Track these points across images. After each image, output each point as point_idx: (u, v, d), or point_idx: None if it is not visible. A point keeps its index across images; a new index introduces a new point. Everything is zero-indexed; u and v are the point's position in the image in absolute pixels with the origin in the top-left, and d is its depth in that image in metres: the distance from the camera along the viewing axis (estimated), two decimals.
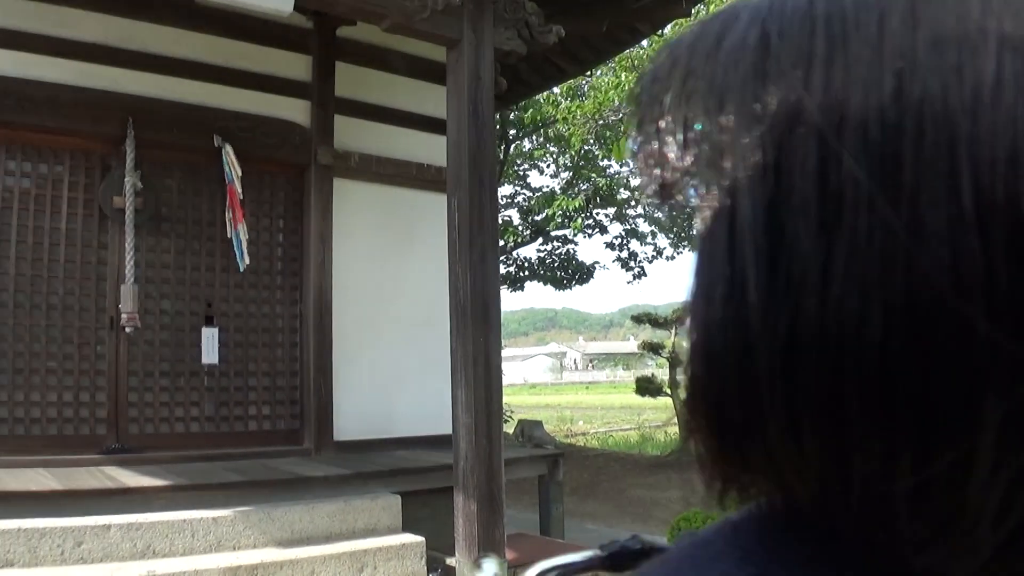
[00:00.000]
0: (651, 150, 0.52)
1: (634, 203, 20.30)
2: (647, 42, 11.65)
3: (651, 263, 21.80)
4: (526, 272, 21.42)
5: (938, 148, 0.41)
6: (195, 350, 7.60)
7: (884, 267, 0.41)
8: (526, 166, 21.70)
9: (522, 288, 21.98)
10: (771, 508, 0.51)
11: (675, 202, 0.52)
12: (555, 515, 8.30)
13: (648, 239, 21.95)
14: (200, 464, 7.00)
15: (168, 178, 7.59)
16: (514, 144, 19.78)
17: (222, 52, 7.78)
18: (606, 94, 15.59)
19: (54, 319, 6.99)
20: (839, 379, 0.43)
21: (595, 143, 18.69)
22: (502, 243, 18.51)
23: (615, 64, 15.06)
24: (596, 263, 21.58)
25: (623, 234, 21.64)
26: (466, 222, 5.76)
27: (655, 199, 0.53)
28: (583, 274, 21.27)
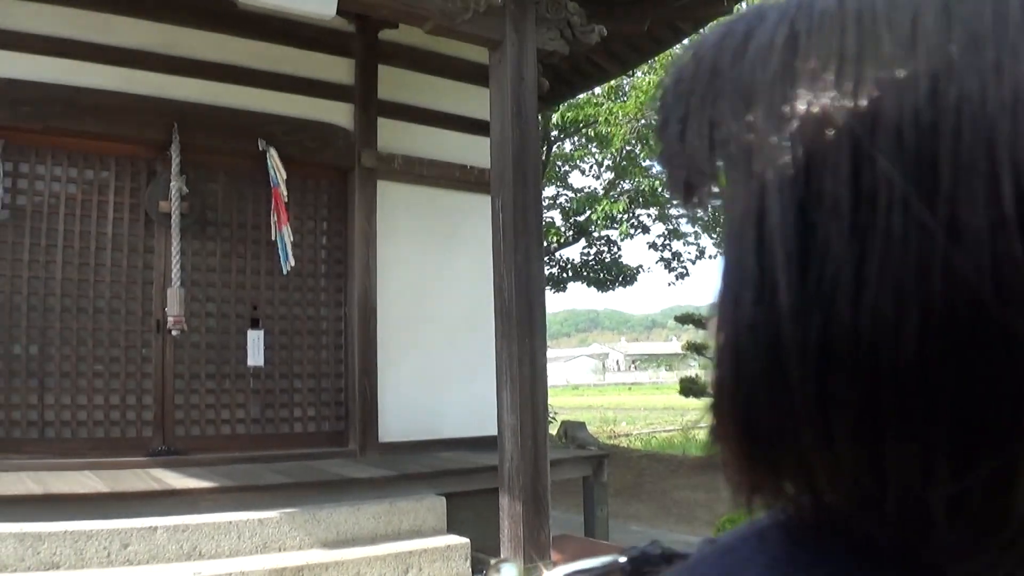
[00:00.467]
0: (676, 151, 0.52)
1: (676, 203, 20.16)
2: (689, 41, 11.58)
3: (694, 263, 21.67)
4: (569, 273, 21.36)
5: (977, 149, 0.40)
6: (241, 352, 7.64)
7: (920, 271, 0.41)
8: (567, 167, 21.66)
9: (564, 289, 21.92)
10: (799, 514, 0.49)
11: (701, 203, 0.52)
12: (600, 516, 8.26)
13: (691, 239, 21.83)
14: (246, 466, 7.04)
15: (213, 182, 7.64)
16: (556, 145, 19.76)
17: (265, 57, 7.82)
18: (647, 94, 15.52)
19: (101, 323, 7.06)
20: (875, 384, 0.42)
21: (637, 143, 18.62)
22: (545, 244, 18.49)
23: (656, 63, 14.99)
24: (640, 266, 21.49)
25: (666, 234, 21.54)
26: (510, 222, 5.75)
27: (681, 200, 0.53)
28: (626, 276, 21.18)
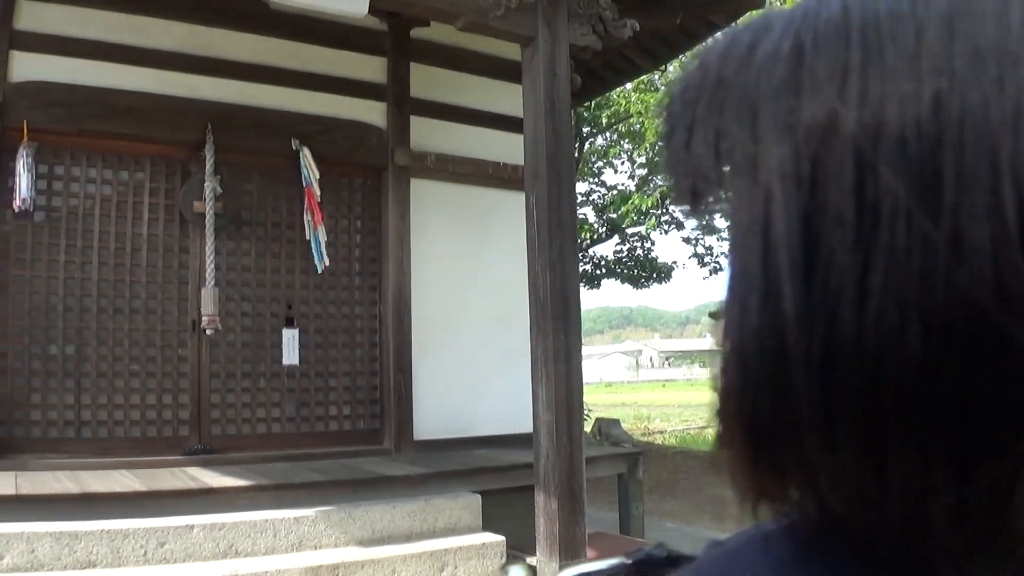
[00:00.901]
0: (682, 159, 0.52)
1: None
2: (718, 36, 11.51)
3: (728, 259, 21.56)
4: (602, 270, 21.34)
5: (979, 162, 0.40)
6: (276, 351, 7.67)
7: (923, 281, 0.41)
8: (600, 164, 21.63)
9: (599, 286, 21.93)
10: (804, 519, 0.50)
11: (707, 211, 0.53)
12: (635, 514, 8.24)
13: (725, 234, 21.71)
14: (281, 464, 7.07)
15: (247, 182, 7.68)
16: (588, 142, 19.73)
17: (298, 56, 7.85)
18: None
19: (137, 323, 7.10)
20: (877, 392, 0.42)
21: None
22: (578, 241, 18.51)
23: (688, 58, 14.92)
24: (674, 262, 21.43)
25: (699, 229, 21.46)
26: (545, 218, 5.74)
27: (687, 207, 0.54)
28: (660, 273, 21.14)
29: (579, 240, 18.80)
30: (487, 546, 6.09)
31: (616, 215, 20.23)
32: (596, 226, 20.91)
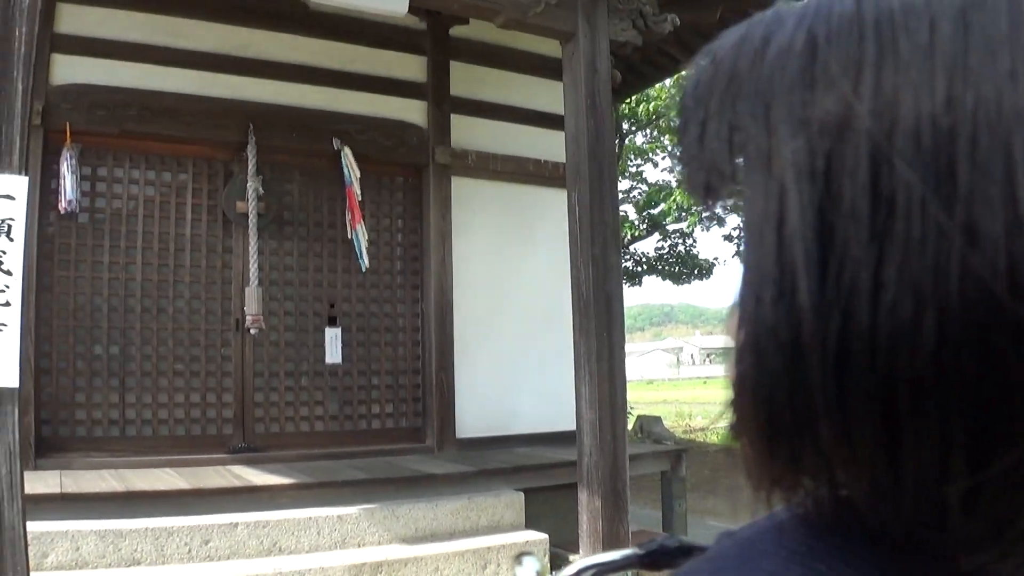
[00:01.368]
0: (695, 153, 0.53)
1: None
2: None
3: None
4: (643, 267, 21.30)
5: (993, 154, 0.41)
6: (319, 350, 7.70)
7: (938, 272, 0.42)
8: (640, 161, 21.59)
9: (640, 283, 21.90)
10: (817, 509, 0.51)
11: (722, 205, 0.54)
12: (678, 512, 8.20)
13: None
14: (325, 462, 7.10)
15: (289, 182, 7.71)
16: (628, 138, 19.68)
17: (338, 56, 7.87)
18: None
19: (181, 322, 7.16)
20: (892, 382, 0.43)
21: None
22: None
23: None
24: (716, 259, 21.34)
25: (740, 225, 21.37)
26: (587, 215, 5.71)
27: (700, 201, 0.55)
28: (702, 269, 21.06)
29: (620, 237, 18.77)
30: (530, 544, 6.08)
31: (656, 212, 20.18)
32: (637, 223, 20.87)
